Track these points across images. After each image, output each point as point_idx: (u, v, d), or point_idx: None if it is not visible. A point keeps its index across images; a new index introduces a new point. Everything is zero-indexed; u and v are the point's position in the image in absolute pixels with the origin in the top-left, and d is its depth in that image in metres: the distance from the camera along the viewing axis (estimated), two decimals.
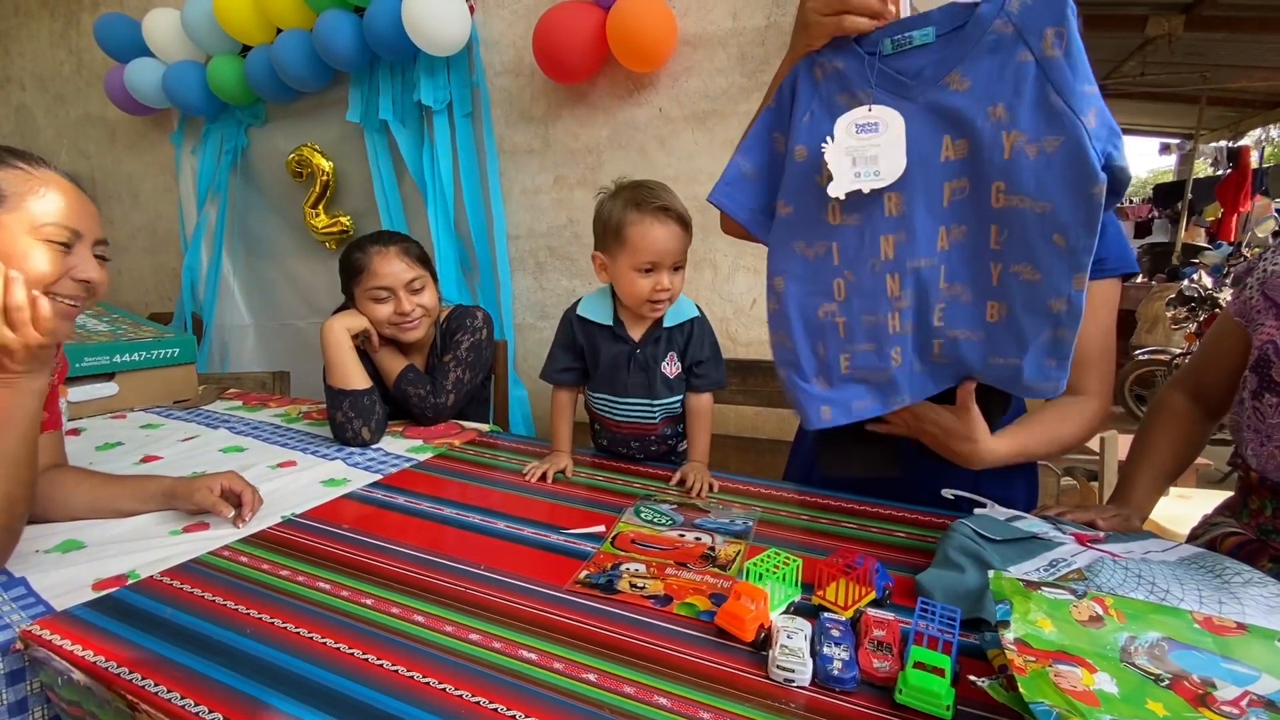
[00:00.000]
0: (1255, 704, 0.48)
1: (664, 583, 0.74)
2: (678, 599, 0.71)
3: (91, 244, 0.83)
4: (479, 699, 0.55)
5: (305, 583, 0.74)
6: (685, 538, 0.86)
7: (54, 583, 0.74)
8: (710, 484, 1.02)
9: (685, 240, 1.07)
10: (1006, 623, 0.55)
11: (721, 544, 0.84)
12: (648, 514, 0.93)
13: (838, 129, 0.71)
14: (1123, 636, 0.54)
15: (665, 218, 1.04)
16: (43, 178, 0.79)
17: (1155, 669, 0.51)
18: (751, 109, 1.83)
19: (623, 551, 0.82)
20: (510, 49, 2.12)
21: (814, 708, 0.54)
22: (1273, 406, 0.77)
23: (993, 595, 0.58)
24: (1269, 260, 0.84)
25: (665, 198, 1.05)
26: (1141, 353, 4.42)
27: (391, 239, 1.32)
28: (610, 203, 1.07)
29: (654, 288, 1.06)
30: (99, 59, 2.91)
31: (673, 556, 0.81)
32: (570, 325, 1.15)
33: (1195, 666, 0.51)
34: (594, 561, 0.79)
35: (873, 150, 0.70)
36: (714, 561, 0.79)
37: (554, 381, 1.16)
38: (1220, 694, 0.49)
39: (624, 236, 1.04)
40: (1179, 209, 6.81)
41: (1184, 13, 4.10)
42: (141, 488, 0.94)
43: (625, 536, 0.86)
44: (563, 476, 1.08)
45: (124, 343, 1.53)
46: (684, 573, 0.77)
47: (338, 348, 1.26)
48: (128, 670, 0.58)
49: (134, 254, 3.25)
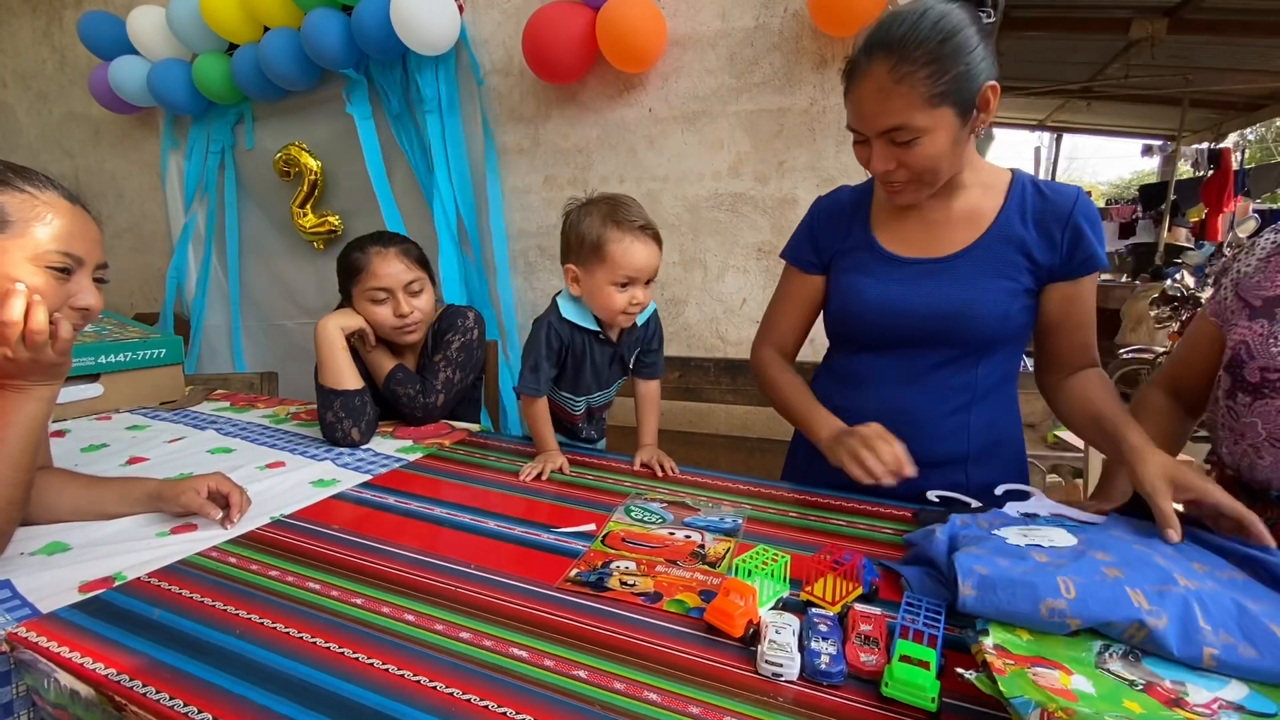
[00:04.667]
0: (1226, 708, 0.49)
1: (654, 580, 0.75)
2: (668, 596, 0.72)
3: (92, 269, 0.83)
4: (470, 696, 0.55)
5: (295, 583, 0.74)
6: (675, 535, 0.86)
7: (39, 585, 0.74)
8: (667, 465, 1.12)
9: (659, 256, 1.12)
10: (986, 631, 0.57)
11: (711, 542, 0.85)
12: (638, 513, 0.93)
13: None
14: (1097, 644, 0.55)
15: (644, 236, 1.07)
16: (49, 202, 0.78)
17: (1129, 675, 0.52)
18: (740, 109, 1.88)
19: (613, 550, 0.82)
20: (500, 49, 2.12)
21: (802, 701, 0.55)
22: (1245, 406, 0.79)
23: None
24: (1242, 261, 0.85)
25: (642, 215, 1.09)
26: (1126, 352, 4.48)
27: (392, 240, 1.32)
28: (586, 218, 1.08)
29: (629, 301, 1.09)
30: (83, 56, 2.87)
31: (663, 554, 0.81)
32: (554, 332, 1.14)
33: (1167, 672, 0.53)
34: (585, 560, 0.80)
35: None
36: (703, 559, 0.80)
37: (539, 394, 1.14)
38: (1192, 698, 0.50)
39: (604, 254, 1.06)
40: (1162, 210, 6.91)
41: (1167, 16, 4.16)
42: (127, 490, 0.93)
43: (616, 535, 0.86)
44: (559, 475, 1.09)
45: (109, 343, 1.51)
46: (674, 570, 0.77)
47: (331, 347, 1.25)
48: (115, 672, 0.58)
49: (119, 254, 3.21)
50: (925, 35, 0.79)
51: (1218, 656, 0.53)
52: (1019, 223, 0.94)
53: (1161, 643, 0.54)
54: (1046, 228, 0.93)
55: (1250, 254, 0.84)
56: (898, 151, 0.85)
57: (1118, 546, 0.65)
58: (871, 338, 1.02)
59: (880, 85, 0.82)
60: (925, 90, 0.80)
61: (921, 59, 0.79)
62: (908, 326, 0.97)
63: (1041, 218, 0.93)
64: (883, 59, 0.81)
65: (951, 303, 0.94)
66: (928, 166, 0.86)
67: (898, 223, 1.01)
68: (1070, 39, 4.72)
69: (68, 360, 0.82)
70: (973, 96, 0.82)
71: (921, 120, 0.82)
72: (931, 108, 0.81)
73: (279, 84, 2.29)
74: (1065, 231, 0.92)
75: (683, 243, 2.02)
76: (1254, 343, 0.78)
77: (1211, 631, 0.54)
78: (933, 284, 0.96)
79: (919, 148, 0.84)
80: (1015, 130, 9.02)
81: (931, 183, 0.89)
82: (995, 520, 0.77)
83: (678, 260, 2.03)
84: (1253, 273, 0.83)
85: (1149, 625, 0.54)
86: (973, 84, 0.81)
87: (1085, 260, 0.92)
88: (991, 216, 0.95)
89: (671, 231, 2.02)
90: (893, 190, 0.92)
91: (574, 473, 1.10)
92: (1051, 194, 0.94)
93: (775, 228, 1.89)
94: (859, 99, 0.86)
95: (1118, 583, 0.57)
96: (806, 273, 1.10)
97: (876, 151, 0.87)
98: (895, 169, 0.87)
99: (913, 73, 0.80)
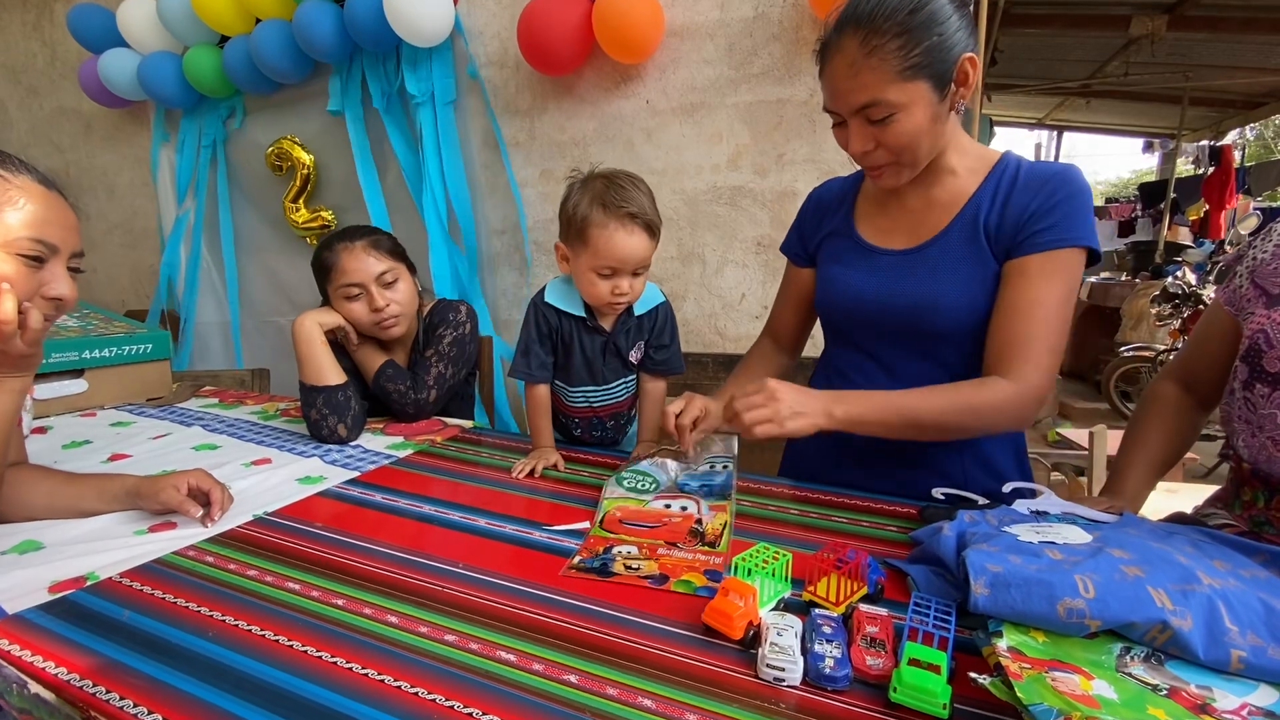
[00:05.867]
0: (1256, 713, 0.46)
1: (658, 563, 0.75)
2: (674, 577, 0.71)
3: (67, 257, 0.79)
4: (454, 703, 0.52)
5: (274, 583, 0.70)
6: (671, 509, 0.86)
7: (8, 585, 0.71)
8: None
9: (650, 247, 1.03)
10: (999, 632, 0.54)
11: (708, 514, 0.85)
12: (630, 479, 0.91)
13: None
14: (1117, 647, 0.52)
15: (632, 224, 0.99)
16: (22, 186, 0.75)
17: (1153, 679, 0.49)
18: (739, 101, 1.84)
19: (612, 534, 0.81)
20: (495, 40, 2.09)
21: (805, 707, 0.52)
22: (1264, 397, 0.76)
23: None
24: (1258, 248, 0.82)
25: (636, 201, 1.00)
26: (1126, 349, 4.47)
27: (359, 234, 1.27)
28: (579, 194, 1.02)
29: (612, 291, 1.03)
30: (73, 50, 2.84)
31: (662, 535, 0.81)
32: (543, 315, 1.11)
33: (1192, 676, 0.50)
34: (585, 547, 0.79)
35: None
36: (703, 538, 0.80)
37: (533, 379, 1.12)
38: (1220, 704, 0.47)
39: (587, 237, 1.01)
40: (1161, 208, 6.90)
41: (1167, 13, 4.14)
42: (105, 486, 0.90)
43: (613, 517, 0.85)
44: (552, 472, 1.05)
45: (94, 338, 1.47)
46: (675, 552, 0.77)
47: (309, 343, 1.22)
48: (79, 677, 0.54)
49: (110, 250, 3.18)
50: (895, 6, 0.77)
51: (1246, 659, 0.50)
52: (988, 204, 0.88)
53: (1186, 645, 0.51)
54: (1013, 201, 0.86)
55: (1267, 240, 0.81)
56: (875, 131, 0.82)
57: (1136, 544, 0.62)
58: (847, 329, 1.01)
59: (851, 60, 0.79)
60: (897, 63, 0.77)
61: (891, 30, 0.76)
62: (877, 319, 0.94)
63: (1011, 194, 0.86)
64: (852, 33, 0.79)
65: (916, 295, 0.90)
66: (906, 144, 0.83)
67: (879, 212, 0.99)
68: (1069, 36, 4.70)
69: (38, 352, 0.79)
70: (949, 69, 0.79)
71: (895, 95, 0.79)
72: (904, 81, 0.78)
73: (271, 77, 2.25)
74: (1032, 201, 0.84)
75: (681, 237, 1.99)
76: (1273, 331, 0.75)
77: (1239, 633, 0.51)
78: (899, 275, 0.93)
79: (895, 124, 0.80)
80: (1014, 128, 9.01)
81: (912, 163, 0.86)
82: (1005, 517, 0.74)
83: (676, 255, 2.00)
84: (1269, 259, 0.80)
85: (1173, 626, 0.51)
86: (948, 56, 0.78)
87: (1042, 232, 0.83)
88: (965, 201, 0.90)
89: (670, 225, 1.99)
90: (875, 173, 0.89)
91: (569, 470, 1.07)
92: (1033, 169, 0.88)
93: (775, 221, 1.87)
94: (831, 77, 0.83)
95: (1139, 582, 0.54)
96: (797, 265, 1.10)
97: (853, 131, 0.84)
98: (874, 149, 0.84)
99: (883, 45, 0.77)
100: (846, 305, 0.98)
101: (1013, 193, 0.87)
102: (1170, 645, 0.51)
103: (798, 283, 1.10)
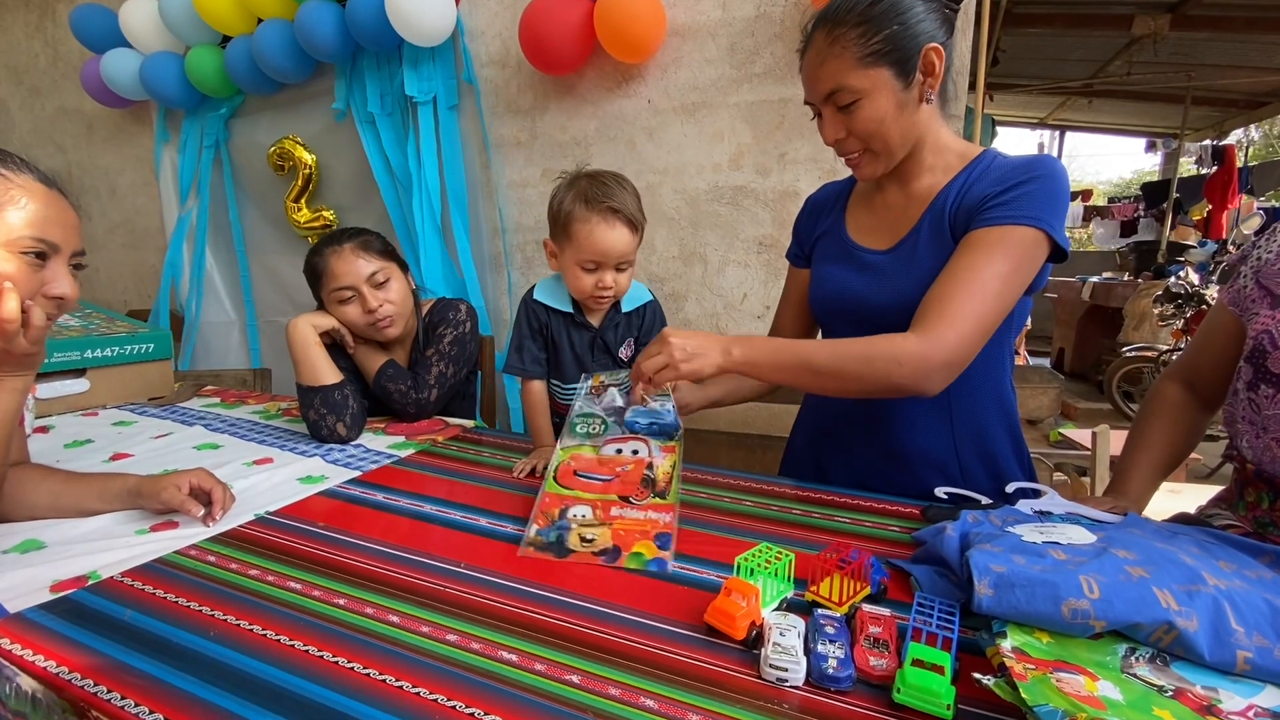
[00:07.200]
0: (1263, 714, 0.46)
1: (611, 529, 0.77)
2: (626, 550, 0.74)
3: (69, 256, 0.80)
4: (455, 703, 0.52)
5: (275, 582, 0.70)
6: (623, 454, 0.87)
7: (10, 584, 0.70)
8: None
9: (633, 242, 1.06)
10: (1003, 633, 0.53)
11: (659, 455, 0.87)
12: (582, 425, 0.92)
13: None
14: (1123, 648, 0.52)
15: (613, 219, 1.02)
16: (23, 185, 0.75)
17: (1158, 680, 0.49)
18: (741, 100, 1.84)
19: (567, 490, 0.83)
20: (496, 39, 2.09)
21: (808, 708, 0.52)
22: (1268, 398, 0.76)
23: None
24: (1262, 248, 0.82)
25: (617, 197, 1.03)
26: (1129, 350, 4.46)
27: (347, 236, 1.27)
28: (564, 191, 1.06)
29: (596, 284, 1.06)
30: (75, 50, 2.84)
31: (615, 489, 0.83)
32: (532, 311, 1.14)
33: (1198, 677, 0.50)
34: (541, 511, 0.80)
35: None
36: (654, 488, 0.83)
37: (527, 374, 1.14)
38: (1226, 705, 0.47)
39: (570, 232, 1.04)
40: (1164, 208, 6.88)
41: (1170, 12, 4.14)
42: (106, 486, 0.90)
43: (567, 468, 0.86)
44: None
45: (96, 338, 1.48)
46: (628, 511, 0.80)
47: (304, 344, 1.22)
48: (80, 676, 0.54)
49: (112, 250, 3.18)
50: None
51: (1252, 660, 0.49)
52: (954, 196, 0.87)
53: (1192, 646, 0.50)
54: (974, 189, 0.85)
55: (1273, 240, 0.81)
56: (845, 119, 0.86)
57: (1140, 545, 0.61)
58: (838, 328, 1.01)
59: (818, 51, 0.84)
60: (857, 50, 0.81)
61: (852, 20, 0.81)
62: (863, 317, 0.94)
63: (976, 183, 0.86)
64: (821, 28, 0.84)
65: (895, 293, 0.90)
66: (874, 131, 0.85)
67: (866, 211, 1.00)
68: (1072, 35, 4.70)
69: (41, 350, 0.79)
70: (911, 57, 0.82)
71: (856, 80, 0.82)
72: (865, 68, 0.81)
73: (273, 76, 2.25)
74: (993, 186, 0.83)
75: (682, 236, 1.99)
76: (1278, 332, 0.75)
77: (1245, 634, 0.51)
78: (881, 274, 0.93)
79: (860, 110, 0.84)
80: (1017, 128, 8.99)
81: (884, 151, 0.87)
82: (1009, 517, 0.73)
83: (678, 254, 2.00)
84: (1275, 260, 0.79)
85: (1179, 627, 0.51)
86: (911, 44, 0.81)
87: (995, 209, 0.81)
88: (935, 196, 0.90)
89: (671, 225, 1.99)
90: (852, 163, 0.91)
91: None
92: (1006, 160, 0.87)
93: (777, 221, 1.86)
94: (804, 69, 0.88)
95: (1144, 582, 0.54)
96: (796, 266, 1.12)
97: (825, 120, 0.88)
98: (846, 137, 0.87)
99: (844, 34, 0.81)
100: (835, 304, 0.99)
101: (979, 182, 0.86)
102: (1176, 646, 0.51)
103: (796, 282, 1.12)
